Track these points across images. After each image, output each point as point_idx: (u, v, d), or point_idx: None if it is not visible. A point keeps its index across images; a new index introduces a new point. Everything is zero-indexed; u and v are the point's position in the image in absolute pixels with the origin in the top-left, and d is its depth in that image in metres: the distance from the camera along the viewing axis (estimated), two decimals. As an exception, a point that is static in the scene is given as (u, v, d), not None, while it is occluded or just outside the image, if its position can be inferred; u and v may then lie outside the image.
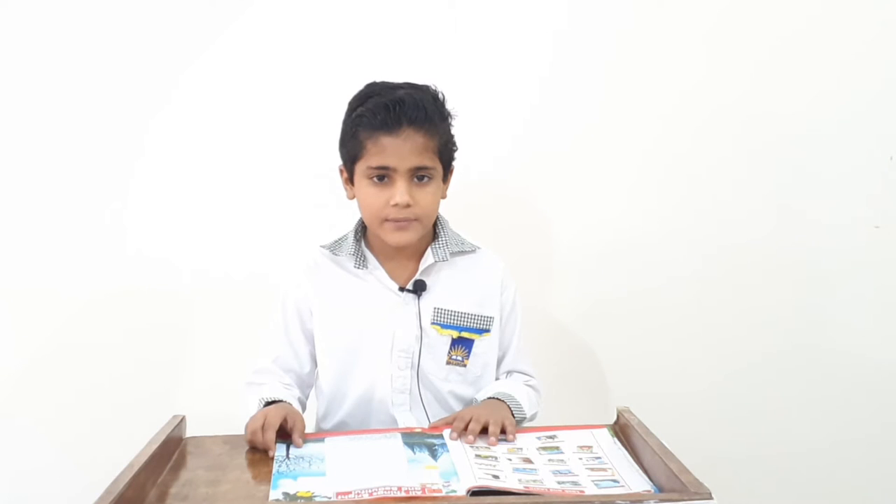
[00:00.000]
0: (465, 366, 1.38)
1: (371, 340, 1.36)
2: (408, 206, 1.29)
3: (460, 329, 1.38)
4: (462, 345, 1.38)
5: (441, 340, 1.37)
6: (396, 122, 1.28)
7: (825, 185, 1.82)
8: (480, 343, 1.39)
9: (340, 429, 1.38)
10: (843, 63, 1.79)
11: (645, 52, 1.79)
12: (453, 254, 1.39)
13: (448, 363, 1.38)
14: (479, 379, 1.40)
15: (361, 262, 1.37)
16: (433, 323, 1.37)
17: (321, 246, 1.42)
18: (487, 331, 1.39)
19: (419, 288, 1.36)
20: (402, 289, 1.37)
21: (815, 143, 1.81)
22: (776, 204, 1.83)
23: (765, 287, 1.84)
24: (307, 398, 1.43)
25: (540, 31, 1.77)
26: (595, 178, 1.81)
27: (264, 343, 1.41)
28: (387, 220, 1.31)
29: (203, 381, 1.80)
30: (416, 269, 1.37)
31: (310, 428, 1.40)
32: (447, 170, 1.37)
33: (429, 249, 1.38)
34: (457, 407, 1.38)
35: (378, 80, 1.36)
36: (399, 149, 1.28)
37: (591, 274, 1.83)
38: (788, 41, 1.79)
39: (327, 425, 1.41)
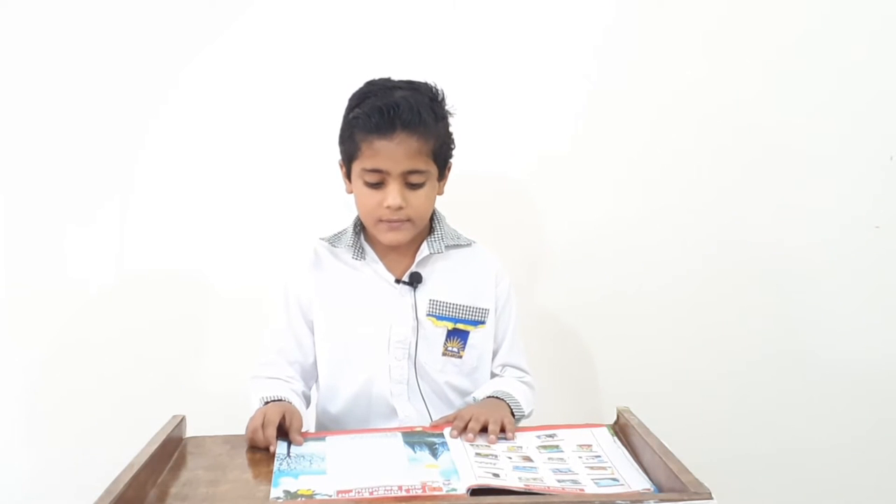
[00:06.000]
0: (460, 357, 1.40)
1: (368, 332, 1.38)
2: (400, 208, 1.31)
3: (455, 321, 1.39)
4: (457, 336, 1.39)
5: (436, 332, 1.38)
6: (390, 125, 1.29)
7: (825, 184, 1.83)
8: (476, 335, 1.40)
9: (341, 419, 1.40)
10: (843, 63, 1.79)
11: (644, 51, 1.79)
12: (448, 247, 1.41)
13: (444, 354, 1.39)
14: (475, 370, 1.41)
15: (360, 253, 1.39)
16: (428, 315, 1.38)
17: (321, 238, 1.45)
18: (482, 322, 1.40)
19: (415, 280, 1.38)
20: (398, 280, 1.38)
21: (815, 143, 1.81)
22: (775, 203, 1.83)
23: (764, 286, 1.84)
24: (311, 389, 1.44)
25: (538, 29, 1.77)
26: (592, 176, 1.82)
27: (270, 336, 1.43)
28: (380, 220, 1.33)
29: (203, 380, 1.80)
30: (413, 262, 1.39)
31: (313, 418, 1.43)
32: (443, 169, 1.38)
33: (424, 242, 1.39)
34: (454, 398, 1.40)
35: (378, 77, 1.37)
36: (392, 152, 1.29)
37: (588, 271, 1.83)
38: (788, 41, 1.79)
39: (329, 416, 1.42)
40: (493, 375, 1.44)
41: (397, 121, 1.29)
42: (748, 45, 1.79)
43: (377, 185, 1.32)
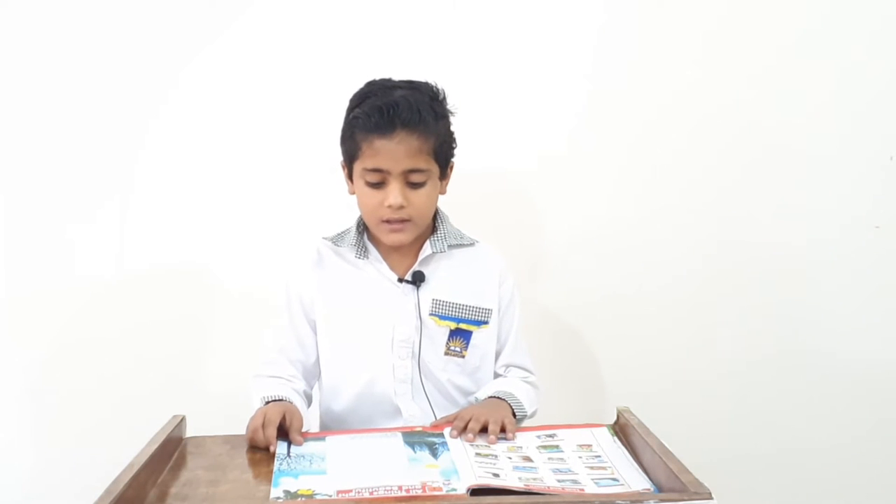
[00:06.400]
0: (463, 357, 1.40)
1: (372, 331, 1.38)
2: (401, 207, 1.31)
3: (458, 321, 1.39)
4: (460, 336, 1.39)
5: (439, 331, 1.38)
6: (390, 125, 1.29)
7: (825, 185, 1.83)
8: (479, 335, 1.40)
9: (345, 418, 1.40)
10: (843, 63, 1.79)
11: (645, 50, 1.79)
12: (451, 246, 1.41)
13: (446, 354, 1.39)
14: (478, 370, 1.41)
15: (363, 252, 1.39)
16: (431, 314, 1.38)
17: (324, 238, 1.45)
18: (486, 322, 1.40)
19: (418, 279, 1.38)
20: (401, 280, 1.38)
21: (815, 144, 1.82)
22: (775, 203, 1.83)
23: (764, 286, 1.84)
24: (313, 388, 1.44)
25: (537, 29, 1.77)
26: (593, 176, 1.82)
27: (271, 335, 1.43)
28: (382, 220, 1.34)
29: (203, 380, 1.80)
30: (416, 261, 1.39)
31: (315, 419, 1.43)
32: (445, 168, 1.38)
33: (427, 241, 1.40)
34: (458, 397, 1.40)
35: (378, 78, 1.38)
36: (393, 151, 1.30)
37: (590, 272, 1.83)
38: (789, 40, 1.79)
39: (332, 415, 1.42)
40: (496, 376, 1.44)
41: (397, 120, 1.29)
42: (748, 46, 1.79)
43: (378, 185, 1.32)
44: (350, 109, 1.36)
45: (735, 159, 1.81)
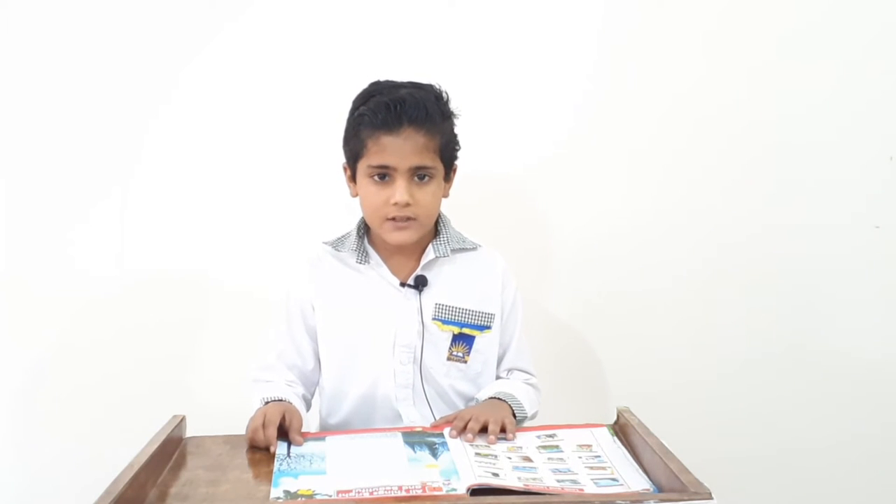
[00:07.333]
0: (465, 362, 1.39)
1: (373, 335, 1.37)
2: (407, 204, 1.30)
3: (461, 325, 1.39)
4: (463, 341, 1.39)
5: (442, 336, 1.38)
6: (397, 121, 1.29)
7: (825, 184, 1.82)
8: (481, 340, 1.40)
9: (345, 425, 1.39)
10: (843, 63, 1.79)
11: (647, 51, 1.79)
12: (454, 250, 1.40)
13: (449, 359, 1.38)
14: (480, 375, 1.41)
15: (363, 257, 1.39)
16: (434, 318, 1.38)
17: (324, 242, 1.44)
18: (488, 327, 1.40)
19: (420, 283, 1.37)
20: (403, 284, 1.38)
21: (815, 144, 1.81)
22: (776, 203, 1.83)
23: (765, 286, 1.84)
24: (312, 395, 1.44)
25: (540, 30, 1.78)
26: (595, 177, 1.82)
27: (269, 339, 1.42)
28: (387, 218, 1.33)
29: (203, 380, 1.80)
30: (418, 265, 1.39)
31: (315, 426, 1.43)
32: (449, 169, 1.38)
33: (430, 245, 1.39)
34: (459, 402, 1.40)
35: (382, 79, 1.37)
36: (399, 148, 1.29)
37: (591, 272, 1.83)
38: (788, 41, 1.79)
39: (332, 422, 1.41)
40: (498, 379, 1.43)
41: (404, 116, 1.29)
42: (748, 45, 1.79)
43: (384, 183, 1.32)
44: (354, 108, 1.35)
45: (735, 160, 1.81)
